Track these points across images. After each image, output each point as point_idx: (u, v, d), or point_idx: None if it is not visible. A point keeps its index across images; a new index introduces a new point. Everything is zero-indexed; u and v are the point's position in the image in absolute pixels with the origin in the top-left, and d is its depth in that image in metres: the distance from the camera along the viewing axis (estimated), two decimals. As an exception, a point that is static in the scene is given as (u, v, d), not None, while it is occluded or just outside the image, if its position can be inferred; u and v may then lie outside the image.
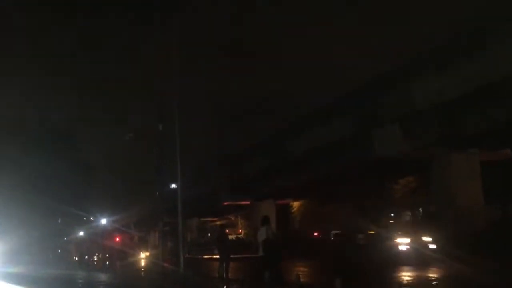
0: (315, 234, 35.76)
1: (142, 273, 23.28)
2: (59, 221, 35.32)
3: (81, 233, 46.03)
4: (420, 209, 31.26)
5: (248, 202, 38.79)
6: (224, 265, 14.89)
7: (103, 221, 43.30)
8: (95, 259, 41.36)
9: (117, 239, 54.81)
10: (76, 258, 41.38)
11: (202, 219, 53.86)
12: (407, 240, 19.20)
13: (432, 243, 18.24)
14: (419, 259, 17.52)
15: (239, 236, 46.58)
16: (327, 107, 22.90)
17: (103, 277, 22.88)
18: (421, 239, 18.77)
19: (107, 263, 35.19)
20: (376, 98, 20.47)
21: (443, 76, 17.32)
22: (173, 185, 23.65)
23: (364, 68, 17.55)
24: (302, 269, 18.30)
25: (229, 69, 18.69)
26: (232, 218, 53.37)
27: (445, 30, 15.71)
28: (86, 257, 43.50)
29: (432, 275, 15.19)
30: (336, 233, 33.57)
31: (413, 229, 20.15)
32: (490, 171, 20.83)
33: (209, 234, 50.95)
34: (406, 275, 15.29)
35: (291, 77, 18.39)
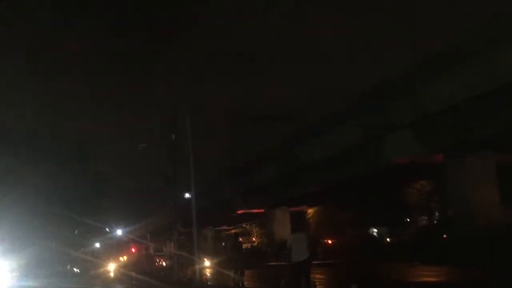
0: (329, 242, 35.65)
1: (159, 283, 23.33)
2: (76, 232, 35.61)
3: (97, 245, 46.42)
4: (437, 213, 31.06)
5: (262, 210, 38.77)
6: (239, 273, 14.96)
7: (119, 232, 43.63)
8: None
9: (133, 250, 55.17)
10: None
11: (217, 228, 53.95)
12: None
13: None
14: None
15: (253, 244, 46.53)
16: (339, 113, 22.88)
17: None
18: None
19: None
20: (387, 103, 20.40)
21: (454, 79, 17.21)
22: (187, 195, 23.79)
23: (374, 73, 17.54)
24: (318, 276, 18.23)
25: (241, 79, 18.80)
26: (247, 227, 53.38)
27: (456, 33, 15.67)
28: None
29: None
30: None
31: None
32: (506, 174, 20.60)
33: (223, 243, 50.97)
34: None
35: (302, 85, 18.45)
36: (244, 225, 53.47)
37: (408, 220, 34.62)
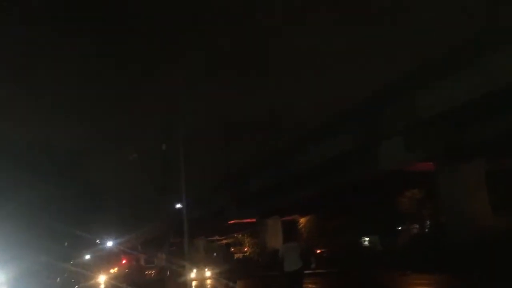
0: (318, 251, 35.56)
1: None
2: (66, 244, 35.21)
3: (88, 256, 45.87)
4: (428, 221, 31.11)
5: (254, 220, 38.66)
6: (231, 284, 14.87)
7: (109, 243, 43.17)
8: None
9: (124, 261, 54.55)
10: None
11: (209, 238, 53.69)
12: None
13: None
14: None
15: (245, 254, 46.32)
16: (331, 121, 22.95)
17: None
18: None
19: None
20: (379, 111, 20.50)
21: (446, 86, 17.33)
22: (179, 205, 23.65)
23: (366, 81, 17.61)
24: (310, 286, 18.16)
25: (233, 86, 18.80)
26: (239, 237, 53.17)
27: (447, 40, 15.77)
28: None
29: None
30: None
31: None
32: (497, 181, 20.73)
33: (215, 254, 50.66)
34: None
35: (294, 93, 18.48)
36: (236, 235, 53.28)
37: (400, 228, 34.67)
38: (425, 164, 20.86)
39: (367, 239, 39.13)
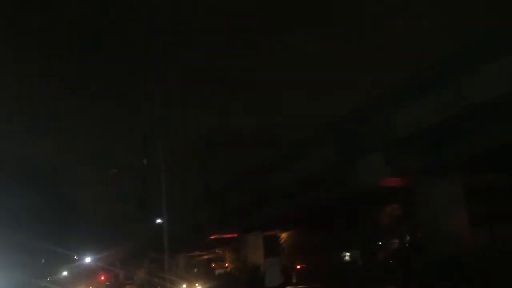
0: (298, 266, 35.55)
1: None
2: (43, 261, 34.46)
3: (65, 273, 44.98)
4: (408, 237, 31.40)
5: (235, 235, 38.47)
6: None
7: (87, 259, 42.46)
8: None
9: (102, 278, 53.65)
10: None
11: (189, 254, 53.17)
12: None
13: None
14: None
15: (226, 270, 45.93)
16: (310, 138, 23.13)
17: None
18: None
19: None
20: (358, 128, 20.74)
21: (423, 103, 17.62)
22: (159, 220, 23.39)
23: (344, 98, 17.87)
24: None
25: (214, 103, 18.88)
26: (220, 252, 52.77)
27: (423, 60, 16.12)
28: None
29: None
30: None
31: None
32: (475, 197, 21.06)
33: (195, 269, 50.16)
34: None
35: (274, 110, 18.64)
36: (217, 250, 52.87)
37: (380, 243, 34.89)
38: (404, 180, 21.10)
39: (348, 254, 39.27)
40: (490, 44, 14.94)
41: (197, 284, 29.45)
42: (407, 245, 30.52)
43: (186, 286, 29.16)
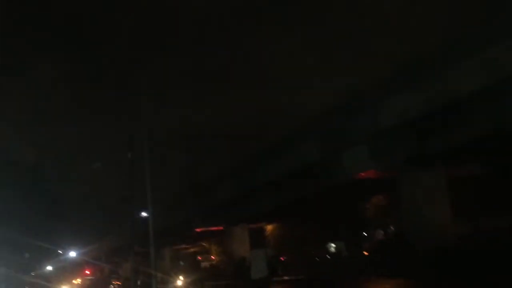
0: (281, 259, 35.65)
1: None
2: (27, 255, 34.11)
3: (49, 268, 44.58)
4: (392, 227, 31.76)
5: (221, 228, 38.49)
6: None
7: (72, 253, 42.10)
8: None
9: (87, 272, 53.27)
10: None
11: (175, 247, 53.08)
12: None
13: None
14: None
15: (212, 262, 46.01)
16: (296, 131, 23.17)
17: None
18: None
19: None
20: (342, 120, 20.84)
21: (408, 95, 17.76)
22: (144, 214, 23.25)
23: (328, 90, 17.89)
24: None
25: (199, 96, 18.77)
26: (206, 245, 52.78)
27: (407, 52, 16.18)
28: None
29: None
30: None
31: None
32: (459, 188, 21.34)
33: (181, 263, 50.15)
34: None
35: (259, 104, 18.60)
36: (203, 243, 52.88)
37: (365, 234, 35.22)
38: (389, 172, 21.30)
39: (333, 245, 39.56)
40: (474, 36, 15.09)
41: (180, 277, 29.43)
42: (391, 235, 30.83)
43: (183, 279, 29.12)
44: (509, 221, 22.01)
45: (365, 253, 29.12)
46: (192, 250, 56.64)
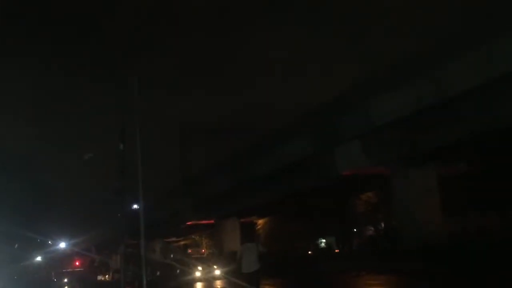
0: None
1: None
2: (16, 246, 33.88)
3: (39, 258, 44.35)
4: (382, 224, 31.96)
5: (212, 221, 38.52)
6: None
7: (62, 244, 41.90)
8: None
9: (77, 263, 53.14)
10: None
11: (166, 240, 53.05)
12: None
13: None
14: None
15: (202, 256, 46.07)
16: (289, 126, 23.17)
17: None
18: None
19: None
20: (336, 117, 20.86)
21: (401, 93, 17.80)
22: (135, 206, 23.15)
23: (324, 86, 17.86)
24: (267, 287, 18.27)
25: (190, 90, 18.67)
26: (196, 238, 52.82)
27: (400, 49, 16.18)
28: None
29: None
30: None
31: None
32: (448, 185, 21.50)
33: (172, 255, 50.10)
34: None
35: (252, 98, 18.53)
36: (193, 236, 52.90)
37: (356, 230, 35.42)
38: (380, 169, 21.40)
39: (323, 240, 39.78)
40: (466, 35, 15.13)
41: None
42: (381, 232, 31.05)
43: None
44: (498, 219, 22.25)
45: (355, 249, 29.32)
46: (182, 243, 56.66)
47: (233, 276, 16.13)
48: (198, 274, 27.53)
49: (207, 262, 30.10)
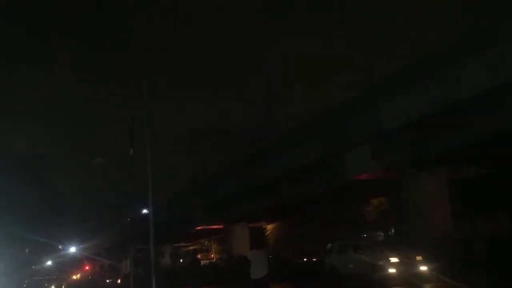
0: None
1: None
2: (27, 250, 34.13)
3: (49, 262, 44.69)
4: (392, 229, 31.75)
5: (221, 226, 38.52)
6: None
7: (72, 249, 42.19)
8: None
9: (87, 268, 53.39)
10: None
11: (175, 245, 53.16)
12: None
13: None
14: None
15: (212, 261, 46.05)
16: (299, 130, 23.17)
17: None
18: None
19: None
20: (345, 120, 20.83)
21: (410, 97, 17.75)
22: (145, 211, 23.25)
23: (331, 91, 17.91)
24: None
25: (201, 94, 18.80)
26: (205, 243, 52.86)
27: (410, 53, 16.18)
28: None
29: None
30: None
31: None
32: (459, 189, 21.33)
33: (181, 260, 50.20)
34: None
35: (263, 102, 18.62)
36: (202, 241, 52.95)
37: (365, 236, 35.20)
38: (390, 173, 21.29)
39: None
40: (476, 39, 15.09)
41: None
42: (391, 237, 30.81)
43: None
44: (510, 223, 22.01)
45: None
46: (191, 248, 56.73)
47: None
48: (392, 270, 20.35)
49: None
